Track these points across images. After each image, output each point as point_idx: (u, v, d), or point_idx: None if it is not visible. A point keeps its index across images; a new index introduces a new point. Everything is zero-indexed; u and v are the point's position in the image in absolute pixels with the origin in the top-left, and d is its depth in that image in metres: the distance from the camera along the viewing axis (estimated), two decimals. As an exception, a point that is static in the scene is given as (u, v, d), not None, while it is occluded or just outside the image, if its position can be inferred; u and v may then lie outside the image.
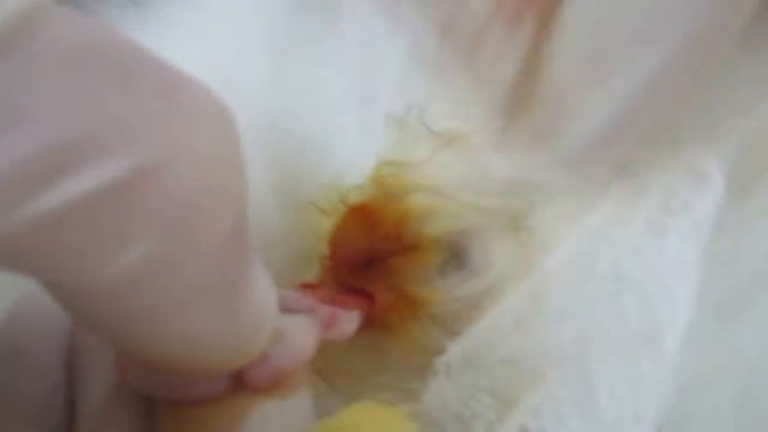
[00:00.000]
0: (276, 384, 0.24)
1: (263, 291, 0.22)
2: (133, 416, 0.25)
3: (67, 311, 0.20)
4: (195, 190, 0.18)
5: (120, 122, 0.17)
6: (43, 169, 0.16)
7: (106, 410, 0.25)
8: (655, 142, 0.25)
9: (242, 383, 0.24)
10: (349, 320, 0.28)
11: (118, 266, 0.18)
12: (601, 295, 0.25)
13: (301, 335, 0.25)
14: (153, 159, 0.17)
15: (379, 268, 0.30)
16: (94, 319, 0.20)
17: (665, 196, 0.24)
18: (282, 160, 0.32)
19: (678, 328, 0.23)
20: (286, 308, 0.25)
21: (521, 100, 0.26)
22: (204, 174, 0.18)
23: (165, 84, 0.18)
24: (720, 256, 0.25)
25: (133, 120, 0.17)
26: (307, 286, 0.29)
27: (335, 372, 0.30)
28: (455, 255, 0.30)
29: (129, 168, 0.17)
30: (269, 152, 0.31)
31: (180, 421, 0.25)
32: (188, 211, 0.18)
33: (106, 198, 0.17)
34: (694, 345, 0.24)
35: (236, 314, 0.21)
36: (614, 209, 0.25)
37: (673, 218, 0.24)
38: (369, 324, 0.29)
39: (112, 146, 0.17)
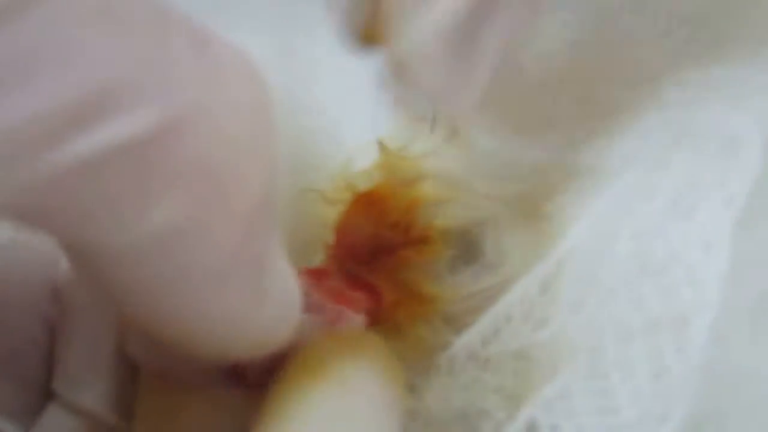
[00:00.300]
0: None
1: (290, 280, 0.21)
2: (112, 386, 0.24)
3: (89, 279, 0.19)
4: (229, 142, 0.17)
5: (155, 69, 0.16)
6: (78, 115, 0.15)
7: (86, 377, 0.24)
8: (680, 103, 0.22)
9: (235, 375, 0.23)
10: (353, 321, 0.26)
11: (148, 224, 0.17)
12: (619, 281, 0.22)
13: (306, 338, 0.24)
14: (188, 107, 0.17)
15: (385, 259, 0.28)
16: (118, 288, 0.18)
17: (692, 168, 0.22)
18: (288, 145, 0.30)
19: (706, 316, 0.21)
20: None
21: None
22: (238, 127, 0.18)
23: (196, 38, 0.17)
24: (755, 241, 0.22)
25: (167, 68, 0.16)
26: (314, 273, 0.27)
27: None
28: (467, 248, 0.29)
29: (164, 116, 0.16)
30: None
31: (159, 403, 0.24)
32: (222, 165, 0.17)
33: (139, 147, 0.16)
34: (727, 341, 0.21)
35: (263, 296, 0.20)
36: (633, 185, 0.23)
37: (701, 194, 0.22)
38: (376, 322, 0.27)
39: (148, 93, 0.16)
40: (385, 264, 0.28)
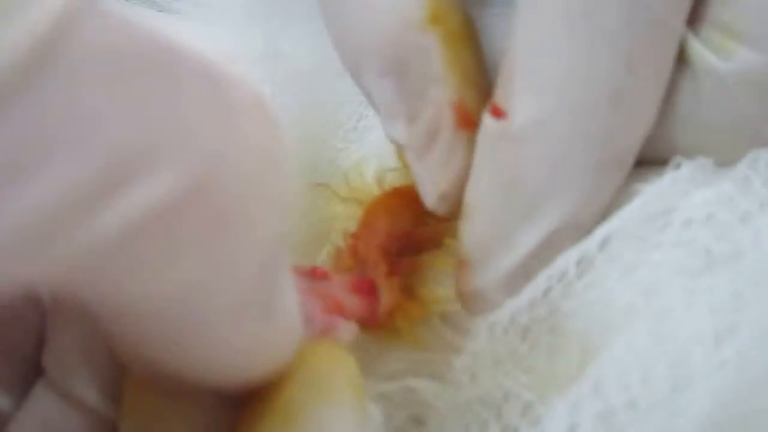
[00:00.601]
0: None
1: (294, 301, 0.21)
2: (106, 376, 0.23)
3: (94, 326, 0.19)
4: (245, 190, 0.17)
5: (170, 128, 0.16)
6: (97, 190, 0.15)
7: (80, 365, 0.23)
8: None
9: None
10: (344, 331, 0.25)
11: (167, 283, 0.17)
12: (683, 240, 0.22)
13: None
14: (206, 162, 0.16)
15: (405, 261, 0.27)
16: (126, 334, 0.18)
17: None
18: (303, 138, 0.30)
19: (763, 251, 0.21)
20: None
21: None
22: (253, 171, 0.17)
23: (209, 81, 0.17)
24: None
25: (183, 126, 0.16)
26: (318, 275, 0.26)
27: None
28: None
29: (184, 176, 0.16)
30: (291, 128, 0.30)
31: (145, 403, 0.22)
32: (239, 215, 0.17)
33: (162, 212, 0.16)
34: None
35: (273, 324, 0.19)
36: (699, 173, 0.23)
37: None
38: (372, 327, 0.26)
39: (165, 155, 0.16)
40: (401, 266, 0.27)
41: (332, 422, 0.19)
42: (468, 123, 0.25)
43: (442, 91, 0.25)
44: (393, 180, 0.29)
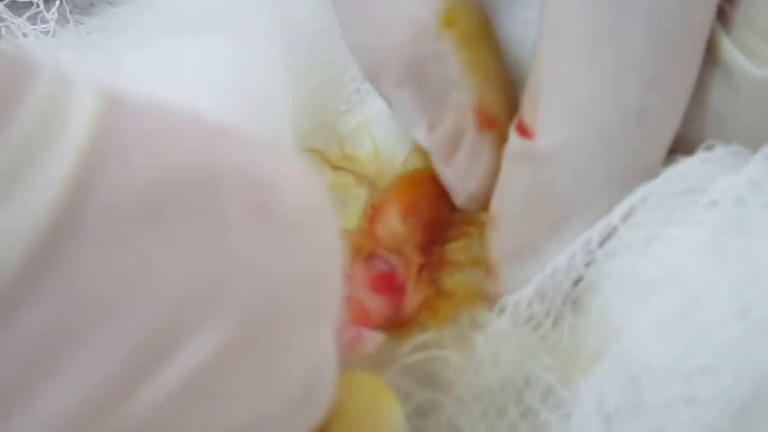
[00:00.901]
0: None
1: (333, 364, 0.19)
2: None
3: None
4: (307, 307, 0.16)
5: (218, 276, 0.14)
6: (141, 362, 0.14)
7: None
8: None
9: None
10: (370, 343, 0.24)
11: (222, 425, 0.15)
12: (706, 220, 0.22)
13: None
14: (259, 301, 0.15)
15: (437, 252, 0.26)
16: None
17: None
18: (305, 98, 0.28)
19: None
20: None
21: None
22: (312, 285, 0.16)
23: (253, 195, 0.15)
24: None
25: (231, 265, 0.14)
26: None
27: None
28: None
29: (235, 323, 0.14)
30: (294, 90, 0.28)
31: None
32: (302, 334, 0.16)
33: (211, 366, 0.14)
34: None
35: (317, 406, 0.18)
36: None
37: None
38: (397, 326, 0.25)
39: (215, 308, 0.14)
40: (433, 258, 0.26)
41: None
42: (491, 124, 0.25)
43: (463, 95, 0.25)
44: (414, 161, 0.27)
